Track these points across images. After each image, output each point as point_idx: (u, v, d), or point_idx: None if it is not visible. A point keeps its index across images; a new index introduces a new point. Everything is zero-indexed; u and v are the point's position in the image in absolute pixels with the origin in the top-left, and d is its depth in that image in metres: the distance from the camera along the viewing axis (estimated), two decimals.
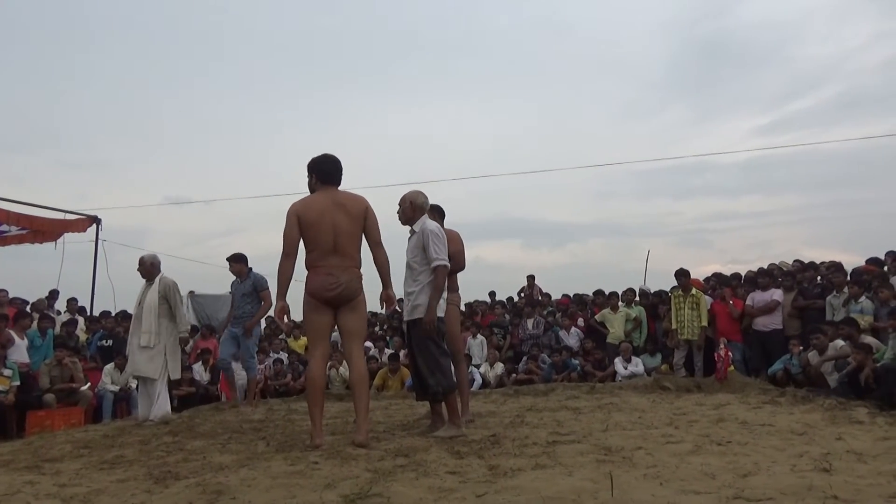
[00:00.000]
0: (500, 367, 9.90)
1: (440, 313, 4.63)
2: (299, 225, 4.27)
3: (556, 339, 10.59)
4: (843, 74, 30.03)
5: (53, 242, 11.92)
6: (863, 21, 30.04)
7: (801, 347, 7.88)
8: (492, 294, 13.26)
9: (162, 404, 6.42)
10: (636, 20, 37.35)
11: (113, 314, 11.15)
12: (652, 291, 11.07)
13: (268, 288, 7.48)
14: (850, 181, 31.49)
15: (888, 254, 9.14)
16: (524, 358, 10.18)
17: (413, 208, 4.82)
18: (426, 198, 4.90)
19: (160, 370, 6.42)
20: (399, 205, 4.89)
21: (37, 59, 33.99)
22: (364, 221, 4.35)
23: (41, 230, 11.72)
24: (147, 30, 37.20)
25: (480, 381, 9.63)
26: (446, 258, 4.64)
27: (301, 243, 4.34)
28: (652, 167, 44.89)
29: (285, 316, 4.66)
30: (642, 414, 5.45)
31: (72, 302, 11.61)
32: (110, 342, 10.16)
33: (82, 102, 35.00)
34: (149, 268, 6.64)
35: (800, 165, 33.04)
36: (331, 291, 4.24)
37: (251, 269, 7.63)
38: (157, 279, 6.58)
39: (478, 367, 9.98)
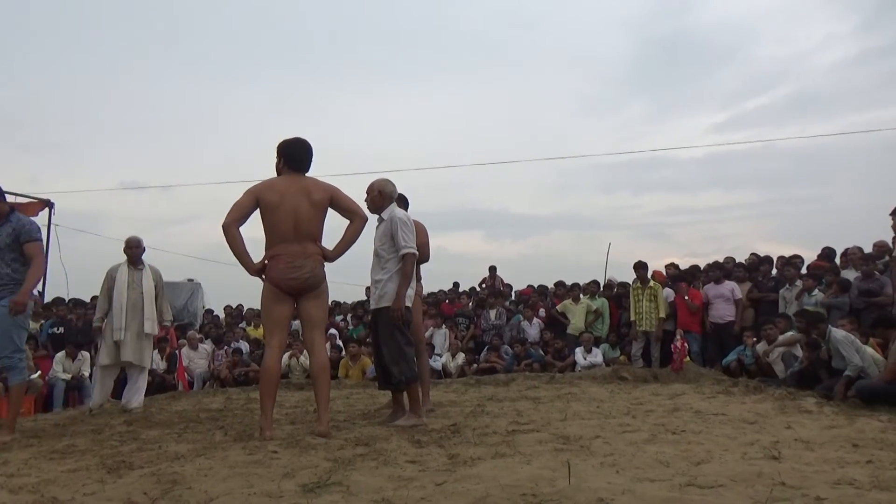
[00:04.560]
0: (461, 357, 9.95)
1: (408, 302, 4.61)
2: (256, 204, 4.17)
3: (517, 330, 10.68)
4: (797, 75, 30.91)
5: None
6: (816, 24, 30.93)
7: (755, 339, 8.11)
8: (456, 285, 13.31)
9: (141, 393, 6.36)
10: (598, 17, 37.71)
11: (66, 301, 10.85)
12: (618, 282, 11.24)
13: (40, 238, 4.81)
14: (802, 178, 32.49)
15: (844, 252, 9.42)
16: (486, 348, 10.24)
17: (382, 196, 4.77)
18: (394, 186, 4.85)
19: (150, 358, 6.43)
20: (367, 193, 4.84)
21: None
22: (332, 205, 4.26)
23: None
24: (103, 11, 36.06)
25: (441, 370, 9.68)
26: (414, 246, 4.61)
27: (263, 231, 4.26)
28: (612, 161, 45.53)
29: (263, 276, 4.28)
30: (600, 404, 5.54)
31: None
32: (61, 330, 9.89)
33: (33, 83, 33.78)
34: (140, 251, 6.45)
35: (755, 162, 33.93)
36: (295, 280, 4.16)
37: (13, 209, 4.88)
38: (146, 265, 6.45)
39: (440, 356, 10.01)
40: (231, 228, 4.12)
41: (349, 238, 4.31)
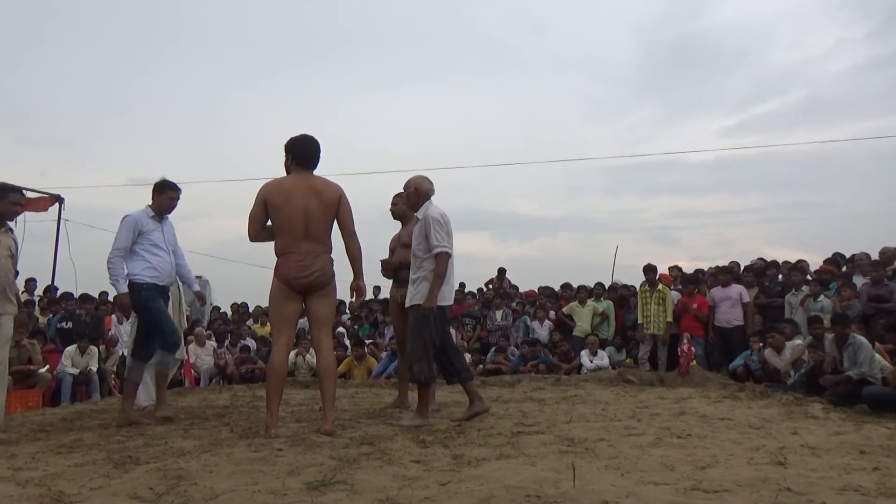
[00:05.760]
0: (467, 358, 9.94)
1: (446, 301, 4.66)
2: (265, 208, 4.21)
3: (524, 331, 10.67)
4: (807, 80, 30.72)
5: (13, 221, 11.54)
6: (826, 30, 30.74)
7: (762, 344, 8.07)
8: (462, 285, 13.31)
9: None
10: (608, 20, 37.66)
11: (75, 295, 10.91)
12: (621, 284, 11.23)
13: None
14: (811, 183, 32.32)
15: (850, 257, 9.38)
16: (492, 349, 10.24)
17: (417, 194, 4.80)
18: (431, 183, 4.87)
19: None
20: (403, 189, 4.88)
21: None
22: (337, 209, 4.27)
23: None
24: (114, 8, 36.27)
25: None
26: (447, 245, 4.64)
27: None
28: (620, 164, 45.38)
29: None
30: (606, 406, 5.53)
31: (30, 283, 11.32)
32: (70, 324, 9.95)
33: (44, 77, 33.97)
34: None
35: (764, 167, 33.74)
36: (306, 278, 4.17)
37: None
38: None
39: None
40: (257, 239, 4.33)
41: (355, 259, 4.35)
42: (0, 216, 4.68)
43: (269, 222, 4.30)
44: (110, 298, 11.40)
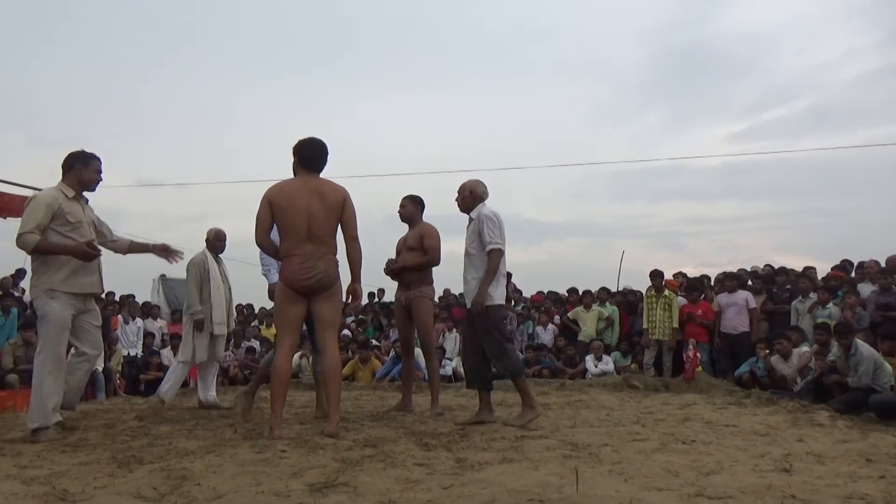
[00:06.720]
0: None
1: (498, 301, 4.71)
2: (271, 210, 4.21)
3: (527, 335, 10.65)
4: (816, 87, 30.65)
5: (20, 219, 11.59)
6: (836, 38, 30.66)
7: (768, 351, 8.03)
8: None
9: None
10: (616, 26, 37.66)
11: None
12: (627, 289, 11.21)
13: None
14: (820, 191, 32.22)
15: (858, 264, 9.33)
16: None
17: (472, 196, 4.93)
18: (485, 187, 4.99)
19: None
20: (458, 193, 5.00)
21: (9, 34, 33.16)
22: (341, 212, 4.26)
23: (6, 207, 11.40)
24: (123, 8, 36.50)
25: (451, 374, 9.68)
26: (501, 242, 4.71)
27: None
28: (627, 169, 45.35)
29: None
30: (610, 411, 5.52)
31: None
32: None
33: (52, 77, 34.22)
34: (225, 244, 6.38)
35: (772, 173, 33.65)
36: (308, 280, 4.16)
37: None
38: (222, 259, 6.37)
39: (450, 360, 10.02)
40: (264, 244, 4.37)
41: (355, 263, 4.35)
42: (83, 185, 4.36)
43: (277, 226, 4.30)
44: (117, 299, 11.47)
